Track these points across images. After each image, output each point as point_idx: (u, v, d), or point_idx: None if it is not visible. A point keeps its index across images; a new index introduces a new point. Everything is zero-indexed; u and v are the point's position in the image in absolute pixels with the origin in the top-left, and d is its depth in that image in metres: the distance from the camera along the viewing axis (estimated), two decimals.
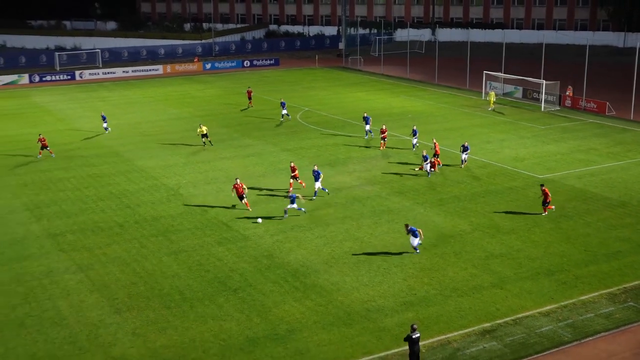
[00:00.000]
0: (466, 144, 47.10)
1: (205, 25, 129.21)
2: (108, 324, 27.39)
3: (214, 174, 46.92)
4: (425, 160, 45.04)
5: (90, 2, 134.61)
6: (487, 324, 26.94)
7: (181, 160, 50.57)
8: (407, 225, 33.12)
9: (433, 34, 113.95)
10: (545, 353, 25.07)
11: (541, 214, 38.10)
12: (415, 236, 32.63)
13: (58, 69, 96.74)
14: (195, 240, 35.42)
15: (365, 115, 55.80)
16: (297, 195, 38.60)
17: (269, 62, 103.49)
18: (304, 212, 38.56)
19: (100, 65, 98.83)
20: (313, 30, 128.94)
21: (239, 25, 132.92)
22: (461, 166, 47.04)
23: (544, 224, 37.09)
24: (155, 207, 40.65)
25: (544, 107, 67.21)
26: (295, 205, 37.97)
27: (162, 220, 38.54)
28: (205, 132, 53.39)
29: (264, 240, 35.47)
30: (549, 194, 37.93)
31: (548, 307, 28.19)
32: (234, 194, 39.33)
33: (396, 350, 24.80)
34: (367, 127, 54.87)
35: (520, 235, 35.61)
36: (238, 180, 39.30)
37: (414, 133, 51.39)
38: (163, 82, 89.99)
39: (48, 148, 51.45)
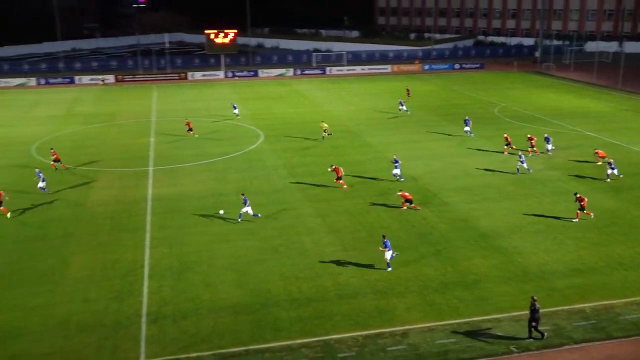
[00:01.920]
0: (611, 161, 39.15)
1: (426, 35, 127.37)
2: (337, 258, 28.36)
3: (423, 152, 46.48)
4: (521, 160, 40.03)
5: (340, 16, 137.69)
6: None
7: (399, 139, 50.62)
8: (383, 237, 27.15)
9: (620, 46, 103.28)
10: None
11: (588, 219, 32.24)
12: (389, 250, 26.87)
13: (314, 65, 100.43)
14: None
15: (466, 118, 52.09)
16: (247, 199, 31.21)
17: (475, 65, 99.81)
18: (259, 216, 32.35)
19: (345, 64, 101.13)
20: (514, 40, 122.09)
21: (453, 36, 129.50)
22: (607, 180, 38.45)
23: None
24: (377, 173, 41.13)
25: None
26: (249, 209, 31.43)
27: (381, 184, 38.98)
28: (325, 127, 51.20)
29: (460, 206, 34.67)
30: (584, 199, 31.96)
31: None
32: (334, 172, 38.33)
33: (564, 307, 23.26)
34: (467, 128, 50.93)
35: None
36: (334, 166, 38.65)
37: (547, 140, 45.48)
38: (391, 79, 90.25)
39: (192, 131, 52.09)
